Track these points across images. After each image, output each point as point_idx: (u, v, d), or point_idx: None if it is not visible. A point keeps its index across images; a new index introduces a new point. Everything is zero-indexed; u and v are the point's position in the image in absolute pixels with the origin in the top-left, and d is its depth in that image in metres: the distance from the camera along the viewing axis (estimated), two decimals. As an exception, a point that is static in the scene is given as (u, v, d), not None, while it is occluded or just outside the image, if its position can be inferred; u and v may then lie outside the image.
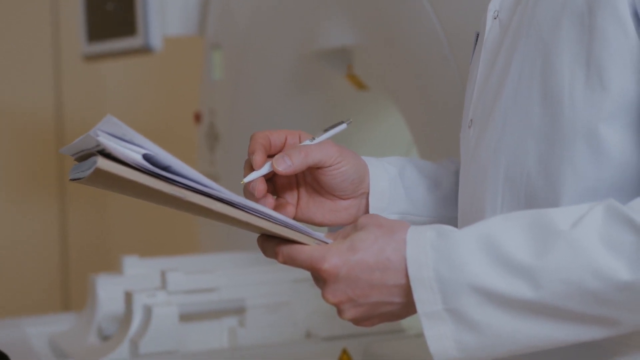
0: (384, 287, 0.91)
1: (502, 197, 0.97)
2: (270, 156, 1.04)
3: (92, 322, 1.70)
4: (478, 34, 1.10)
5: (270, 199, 1.04)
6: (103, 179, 0.87)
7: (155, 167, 0.87)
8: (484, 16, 1.07)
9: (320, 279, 0.94)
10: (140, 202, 1.01)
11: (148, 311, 1.58)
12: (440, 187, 1.14)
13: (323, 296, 0.94)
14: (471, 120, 1.04)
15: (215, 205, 0.90)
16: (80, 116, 3.26)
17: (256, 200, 1.02)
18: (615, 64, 0.91)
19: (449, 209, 1.14)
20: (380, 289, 0.91)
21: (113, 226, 3.34)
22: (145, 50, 2.22)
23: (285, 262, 0.95)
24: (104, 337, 1.69)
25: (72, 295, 3.26)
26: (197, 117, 2.27)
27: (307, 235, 0.95)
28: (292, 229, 0.94)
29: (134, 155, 0.86)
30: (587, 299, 0.86)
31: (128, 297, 1.61)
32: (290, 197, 1.07)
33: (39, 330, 1.78)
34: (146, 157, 0.86)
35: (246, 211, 0.92)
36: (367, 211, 1.08)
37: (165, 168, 0.88)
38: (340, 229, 0.99)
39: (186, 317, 1.62)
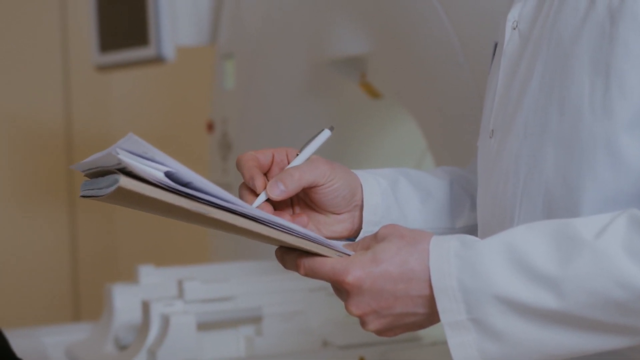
0: (407, 298, 0.92)
1: (520, 206, 0.98)
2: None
3: (109, 332, 1.71)
4: (496, 44, 1.11)
5: (287, 216, 1.04)
6: (123, 197, 0.87)
7: (177, 184, 0.87)
8: (502, 26, 1.07)
9: (343, 291, 0.94)
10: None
11: (165, 320, 1.58)
12: (434, 198, 1.14)
13: (347, 308, 0.93)
14: (492, 130, 1.04)
15: (238, 220, 0.90)
16: (89, 126, 3.27)
17: None
18: (635, 72, 0.91)
19: (443, 220, 1.14)
20: (404, 300, 0.92)
21: (123, 235, 3.35)
22: (157, 60, 2.23)
23: (307, 275, 0.95)
24: (121, 347, 1.70)
25: (82, 305, 3.27)
26: (210, 127, 2.27)
27: (329, 247, 0.95)
28: (313, 242, 0.94)
29: (156, 173, 0.85)
30: (611, 308, 0.87)
31: (145, 307, 1.61)
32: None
33: (56, 340, 1.79)
34: (167, 175, 0.86)
35: (268, 225, 0.92)
36: (360, 224, 1.08)
37: (187, 184, 0.87)
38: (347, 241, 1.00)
39: (203, 326, 1.62)
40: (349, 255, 0.95)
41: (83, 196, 0.91)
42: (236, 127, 2.17)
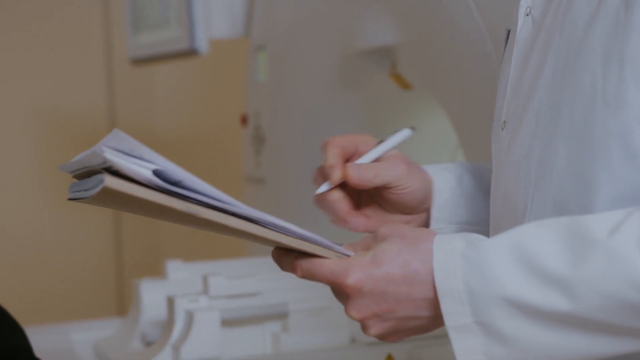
0: (410, 301, 0.88)
1: (531, 203, 0.93)
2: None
3: (136, 328, 1.69)
4: (509, 31, 1.06)
5: (346, 206, 1.03)
6: (110, 197, 0.83)
7: (166, 183, 0.82)
8: (515, 12, 1.03)
9: (342, 294, 0.90)
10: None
11: (190, 317, 1.56)
12: None
13: (347, 312, 0.90)
14: (504, 122, 1.00)
15: (230, 220, 0.86)
16: (132, 122, 3.27)
17: (331, 205, 1.01)
18: None
19: None
20: (407, 303, 0.88)
21: (168, 230, 3.35)
22: (191, 53, 2.22)
23: (304, 277, 0.92)
24: (148, 343, 1.68)
25: (126, 300, 3.27)
26: (244, 120, 2.25)
27: (327, 249, 0.91)
28: (311, 242, 0.90)
29: (144, 171, 0.81)
30: (625, 311, 0.82)
31: (170, 303, 1.59)
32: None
33: (84, 336, 1.78)
34: (156, 173, 0.82)
35: (263, 225, 0.88)
36: (427, 223, 1.06)
37: (176, 183, 0.83)
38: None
39: (228, 322, 1.59)
40: (348, 256, 0.91)
41: (70, 199, 0.88)
42: (268, 120, 2.14)
